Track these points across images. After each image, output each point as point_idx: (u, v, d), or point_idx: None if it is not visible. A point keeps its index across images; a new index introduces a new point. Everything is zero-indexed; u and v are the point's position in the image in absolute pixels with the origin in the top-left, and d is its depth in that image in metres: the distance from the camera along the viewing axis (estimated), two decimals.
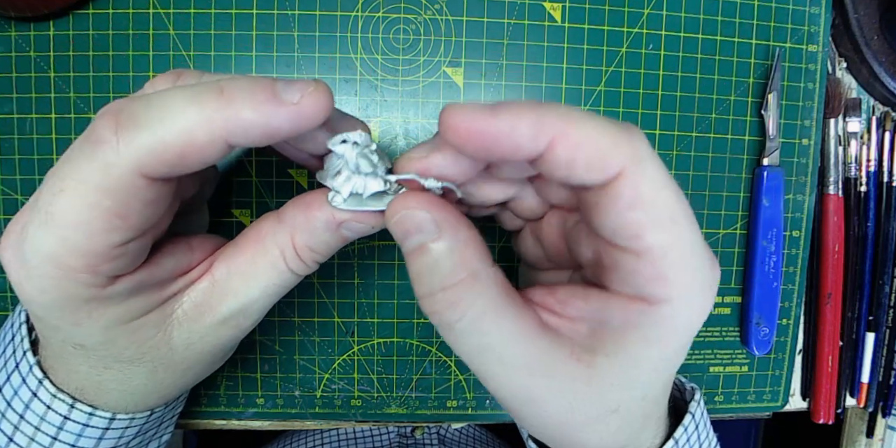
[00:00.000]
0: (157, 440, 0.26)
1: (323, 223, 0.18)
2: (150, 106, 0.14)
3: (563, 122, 0.14)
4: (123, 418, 0.21)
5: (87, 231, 0.14)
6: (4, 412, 0.20)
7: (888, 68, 0.32)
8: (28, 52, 0.28)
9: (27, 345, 0.20)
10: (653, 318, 0.16)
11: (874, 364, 0.34)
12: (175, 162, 0.14)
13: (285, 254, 0.18)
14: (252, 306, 0.19)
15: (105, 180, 0.14)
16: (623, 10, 0.30)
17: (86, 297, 0.16)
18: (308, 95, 0.14)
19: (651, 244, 0.15)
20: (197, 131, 0.14)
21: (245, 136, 0.14)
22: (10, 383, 0.20)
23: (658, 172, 0.15)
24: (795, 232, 0.32)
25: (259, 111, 0.14)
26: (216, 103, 0.14)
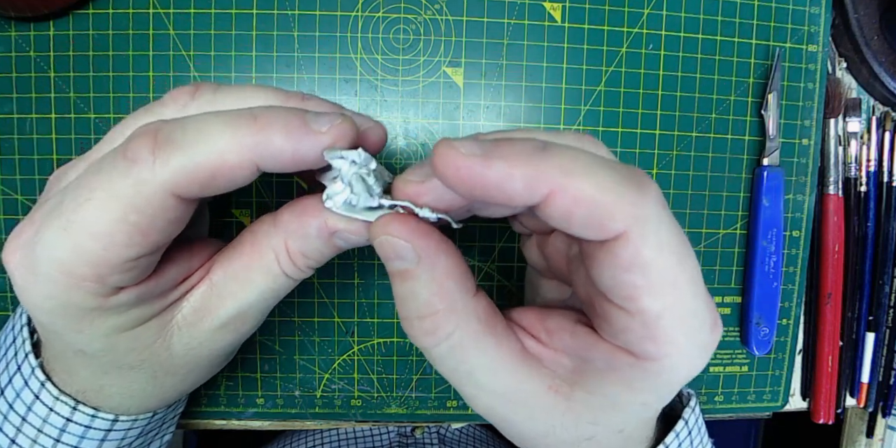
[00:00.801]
0: (158, 440, 0.26)
1: (315, 230, 0.18)
2: (186, 129, 0.15)
3: (563, 175, 0.13)
4: (126, 420, 0.21)
5: (107, 243, 0.15)
6: (6, 414, 0.20)
7: (888, 68, 0.32)
8: (28, 52, 0.28)
9: (28, 347, 0.20)
10: (640, 371, 0.16)
11: (874, 364, 0.34)
12: (205, 183, 0.15)
13: (280, 258, 0.18)
14: (250, 310, 0.19)
15: (136, 197, 0.14)
16: (623, 10, 0.30)
17: (89, 306, 0.16)
18: (335, 127, 0.15)
19: (645, 308, 0.14)
20: (229, 154, 0.14)
21: (274, 161, 0.15)
22: (12, 386, 0.20)
23: (663, 234, 0.14)
24: (795, 232, 0.32)
25: (289, 138, 0.15)
26: (249, 129, 0.14)
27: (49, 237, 0.15)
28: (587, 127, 0.30)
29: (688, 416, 0.22)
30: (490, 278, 0.30)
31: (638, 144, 0.30)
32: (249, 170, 0.15)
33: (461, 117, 0.29)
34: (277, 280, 0.19)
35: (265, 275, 0.19)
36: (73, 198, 0.15)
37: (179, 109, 0.17)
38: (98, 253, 0.15)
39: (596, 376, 0.17)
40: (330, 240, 0.18)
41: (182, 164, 0.14)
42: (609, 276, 0.14)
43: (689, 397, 0.24)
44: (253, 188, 0.29)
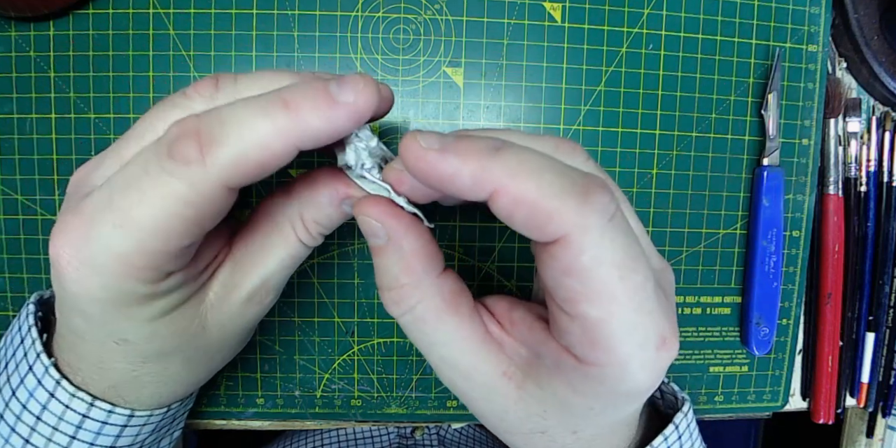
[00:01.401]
0: (168, 436, 0.26)
1: (327, 198, 0.19)
2: (224, 123, 0.15)
3: (508, 176, 0.14)
4: (142, 415, 0.21)
5: (164, 237, 0.16)
6: (20, 415, 0.20)
7: (888, 68, 0.32)
8: (28, 52, 0.28)
9: (39, 347, 0.20)
10: (582, 375, 0.16)
11: (874, 364, 0.34)
12: (254, 172, 0.16)
13: (295, 227, 0.20)
14: (271, 279, 0.21)
15: (191, 194, 0.15)
16: (623, 10, 0.30)
17: (143, 292, 0.17)
18: (360, 93, 0.15)
19: (583, 314, 0.15)
20: (273, 143, 0.15)
21: (314, 141, 0.16)
22: (24, 386, 0.20)
23: (606, 246, 0.14)
24: (795, 232, 0.32)
25: (324, 117, 0.15)
26: (285, 115, 0.15)
27: (105, 233, 0.16)
28: (587, 127, 0.30)
29: (679, 420, 0.22)
30: (490, 278, 0.30)
31: (638, 144, 0.30)
32: (292, 153, 0.16)
33: (461, 117, 0.29)
34: (293, 247, 0.20)
35: (283, 244, 0.20)
36: (124, 197, 0.16)
37: (207, 101, 0.18)
38: (155, 245, 0.16)
39: (545, 372, 0.17)
40: (339, 207, 0.20)
41: (231, 159, 0.15)
42: (551, 276, 0.15)
43: (683, 402, 0.24)
44: (253, 188, 0.29)
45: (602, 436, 0.20)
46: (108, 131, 0.28)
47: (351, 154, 0.18)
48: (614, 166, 0.30)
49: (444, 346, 0.18)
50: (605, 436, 0.20)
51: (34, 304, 0.22)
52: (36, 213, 0.29)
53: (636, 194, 0.31)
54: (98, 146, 0.28)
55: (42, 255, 0.29)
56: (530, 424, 0.18)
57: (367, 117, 0.16)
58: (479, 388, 0.18)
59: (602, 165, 0.30)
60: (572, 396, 0.17)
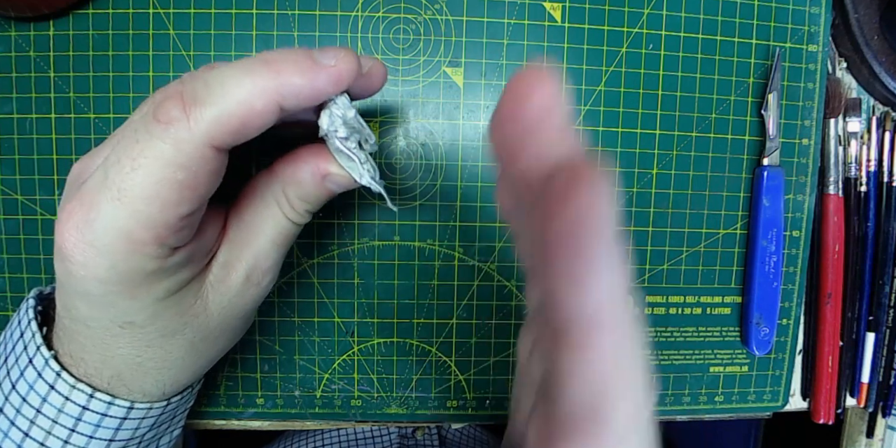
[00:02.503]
0: (168, 434, 0.26)
1: (309, 175, 0.20)
2: (208, 84, 0.16)
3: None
4: (141, 407, 0.21)
5: (160, 204, 0.16)
6: (19, 408, 0.20)
7: (888, 68, 0.32)
8: (28, 52, 0.28)
9: (39, 340, 0.20)
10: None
11: (874, 364, 0.34)
12: (238, 130, 0.16)
13: (280, 203, 0.20)
14: (265, 258, 0.21)
15: (178, 155, 0.15)
16: (623, 10, 0.30)
17: (149, 269, 0.17)
18: (341, 59, 0.16)
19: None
20: (255, 100, 0.15)
21: (296, 99, 0.16)
22: (24, 379, 0.20)
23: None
24: (795, 232, 0.32)
25: (305, 76, 0.16)
26: (267, 73, 0.16)
27: (105, 210, 0.16)
28: (587, 127, 0.30)
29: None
30: (490, 278, 0.30)
31: (638, 144, 0.30)
32: (274, 111, 0.16)
33: (461, 117, 0.29)
34: (282, 224, 0.21)
35: (270, 221, 0.20)
36: (118, 170, 0.16)
37: None
38: (155, 215, 0.16)
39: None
40: (322, 184, 0.20)
41: (215, 116, 0.15)
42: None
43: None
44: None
45: None
46: (108, 131, 0.28)
47: (325, 118, 0.18)
48: (614, 166, 0.30)
49: None
50: None
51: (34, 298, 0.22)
52: (36, 213, 0.29)
53: (636, 194, 0.31)
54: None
55: (42, 255, 0.29)
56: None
57: (346, 82, 0.17)
58: None
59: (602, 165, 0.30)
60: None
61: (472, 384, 0.31)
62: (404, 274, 0.30)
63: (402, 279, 0.30)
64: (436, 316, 0.30)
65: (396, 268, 0.30)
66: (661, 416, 0.33)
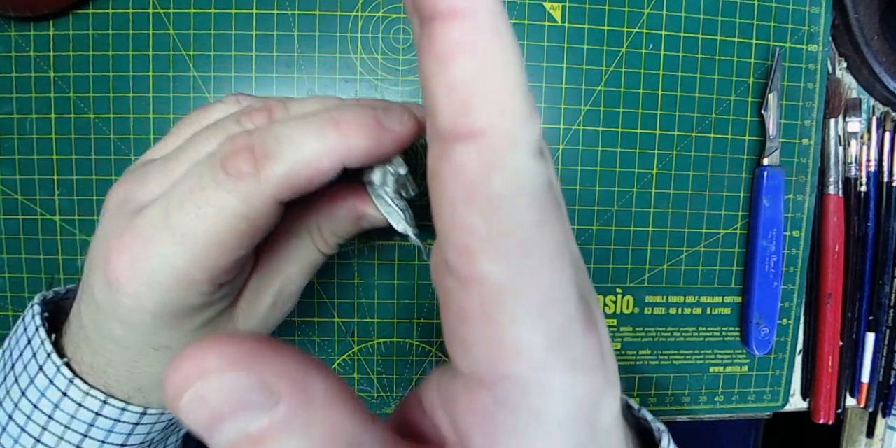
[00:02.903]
0: (176, 434, 0.26)
1: (346, 213, 0.20)
2: (280, 140, 0.16)
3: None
4: (153, 413, 0.22)
5: (221, 251, 0.16)
6: (30, 415, 0.20)
7: (888, 68, 0.32)
8: (28, 52, 0.28)
9: (49, 347, 0.20)
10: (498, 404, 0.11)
11: (874, 364, 0.34)
12: (304, 186, 0.16)
13: (313, 236, 0.21)
14: (291, 285, 0.22)
15: (245, 208, 0.16)
16: (623, 10, 0.30)
17: (198, 304, 0.18)
18: (404, 123, 0.17)
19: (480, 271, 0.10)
20: (323, 160, 0.16)
21: (359, 159, 0.16)
22: (34, 386, 0.20)
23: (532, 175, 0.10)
24: (795, 232, 0.32)
25: (372, 140, 0.16)
26: (336, 134, 0.16)
27: (164, 250, 0.16)
28: (587, 127, 0.30)
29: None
30: None
31: (638, 144, 0.30)
32: (338, 169, 0.16)
33: None
34: (313, 255, 0.21)
35: (303, 252, 0.21)
36: (181, 215, 0.16)
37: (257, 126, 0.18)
38: (213, 260, 0.16)
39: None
40: (357, 222, 0.21)
41: (284, 174, 0.16)
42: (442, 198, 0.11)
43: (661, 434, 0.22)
44: None
45: None
46: (108, 131, 0.28)
47: (378, 174, 0.19)
48: (614, 166, 0.30)
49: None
50: None
51: (39, 304, 0.22)
52: (36, 213, 0.29)
53: (636, 194, 0.31)
54: (98, 146, 0.28)
55: (42, 255, 0.29)
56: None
57: (407, 144, 0.17)
58: None
59: (602, 165, 0.30)
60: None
61: None
62: (404, 274, 0.30)
63: (402, 279, 0.30)
64: (436, 316, 0.30)
65: (396, 268, 0.30)
66: (662, 417, 0.33)
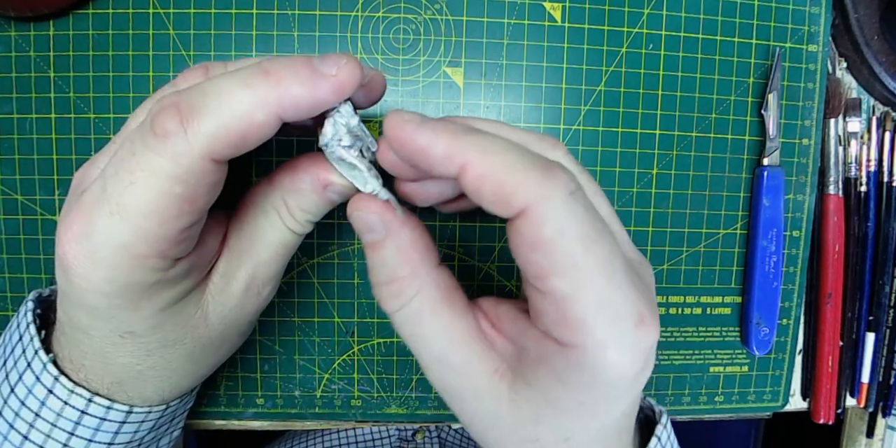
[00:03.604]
0: (168, 435, 0.26)
1: (309, 184, 0.19)
2: (206, 95, 0.15)
3: (476, 151, 0.15)
4: (140, 412, 0.21)
5: (160, 218, 0.16)
6: (18, 411, 0.20)
7: (888, 68, 0.32)
8: (28, 52, 0.28)
9: (38, 344, 0.20)
10: (564, 360, 0.16)
11: (874, 364, 0.34)
12: (238, 143, 0.15)
13: (281, 213, 0.20)
14: (265, 268, 0.21)
15: (176, 169, 0.15)
16: (623, 10, 0.30)
17: (151, 281, 0.17)
18: (343, 68, 0.16)
19: (553, 288, 0.15)
20: (255, 112, 0.15)
21: (296, 110, 0.16)
22: (22, 382, 0.20)
23: (567, 218, 0.15)
24: (795, 232, 0.32)
25: (306, 86, 0.15)
26: (266, 84, 0.15)
27: (104, 224, 0.16)
28: (587, 127, 0.30)
29: (660, 432, 0.22)
30: (490, 278, 0.30)
31: (638, 144, 0.30)
32: (274, 122, 0.16)
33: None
34: (283, 234, 0.20)
35: (270, 230, 0.20)
36: (115, 183, 0.16)
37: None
38: (155, 230, 0.16)
39: (531, 366, 0.17)
40: (324, 194, 0.19)
41: (213, 129, 0.15)
42: (521, 254, 0.15)
43: (661, 414, 0.23)
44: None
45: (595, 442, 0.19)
46: (108, 131, 0.28)
47: (329, 127, 0.18)
48: (614, 166, 0.30)
49: (438, 341, 0.18)
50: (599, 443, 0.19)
51: (33, 301, 0.22)
52: (36, 213, 0.29)
53: (636, 194, 0.31)
54: (98, 146, 0.28)
55: (42, 255, 0.29)
56: (521, 432, 0.18)
57: (348, 91, 0.16)
58: (471, 388, 0.18)
59: (602, 165, 0.30)
60: (561, 390, 0.16)
61: None
62: None
63: None
64: None
65: None
66: None
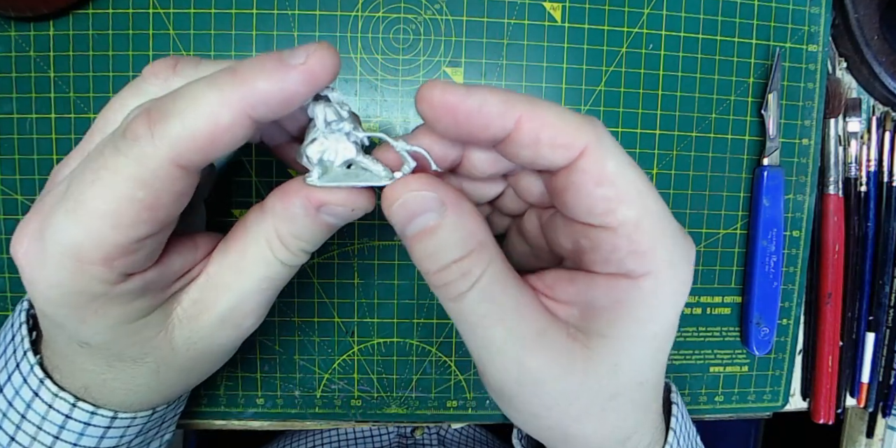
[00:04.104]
0: (158, 439, 0.26)
1: (301, 208, 0.17)
2: (175, 99, 0.15)
3: (526, 105, 0.15)
4: (125, 417, 0.21)
5: (115, 222, 0.15)
6: (6, 412, 0.20)
7: (888, 68, 0.32)
8: (28, 52, 0.28)
9: (27, 345, 0.20)
10: (638, 294, 0.17)
11: (874, 364, 0.34)
12: (206, 147, 0.15)
13: (271, 244, 0.18)
14: (247, 302, 0.19)
15: (140, 171, 0.14)
16: (623, 10, 0.30)
17: (95, 293, 0.16)
18: (313, 54, 0.15)
19: (623, 218, 0.16)
20: (220, 113, 0.14)
21: (266, 107, 0.15)
22: (11, 383, 0.20)
23: (620, 152, 0.16)
24: (795, 232, 0.32)
25: (272, 79, 0.14)
26: (231, 83, 0.14)
27: (57, 221, 0.15)
28: None
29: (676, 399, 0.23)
30: None
31: (638, 144, 0.30)
32: (244, 123, 0.15)
33: None
34: (272, 267, 0.19)
35: (258, 263, 0.18)
36: (78, 182, 0.15)
37: (162, 84, 0.17)
38: (106, 233, 0.15)
39: (603, 316, 0.17)
40: (318, 217, 0.18)
41: (178, 132, 0.14)
42: (584, 196, 0.16)
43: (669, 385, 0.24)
44: (253, 188, 0.29)
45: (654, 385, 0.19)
46: None
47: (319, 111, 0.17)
48: None
49: (513, 316, 0.17)
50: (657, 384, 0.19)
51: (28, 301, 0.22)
52: None
53: None
54: None
55: None
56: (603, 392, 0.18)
57: (324, 80, 0.15)
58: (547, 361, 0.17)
59: None
60: (637, 328, 0.17)
61: (471, 384, 0.31)
62: (404, 274, 0.30)
63: (402, 279, 0.30)
64: (436, 316, 0.30)
65: (396, 268, 0.30)
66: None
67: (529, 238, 0.22)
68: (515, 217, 0.23)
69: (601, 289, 0.17)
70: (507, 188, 0.21)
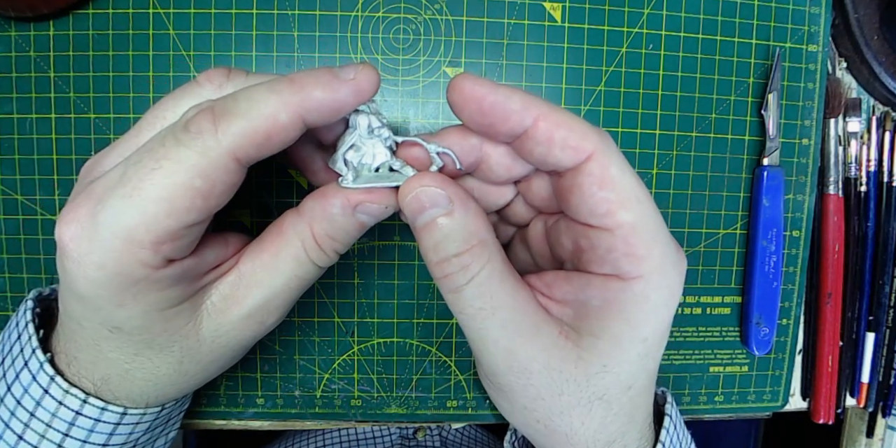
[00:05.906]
0: (164, 437, 0.26)
1: (339, 208, 0.19)
2: (237, 100, 0.16)
3: (545, 106, 0.17)
4: (135, 413, 0.21)
5: (170, 207, 0.16)
6: (14, 410, 0.20)
7: (888, 68, 0.32)
8: (28, 52, 0.28)
9: (35, 342, 0.20)
10: (629, 296, 0.18)
11: (874, 364, 0.34)
12: (263, 142, 0.16)
13: (306, 245, 0.20)
14: (275, 300, 0.20)
15: (202, 162, 0.16)
16: (623, 10, 0.30)
17: (138, 276, 0.17)
18: (360, 72, 0.17)
19: (621, 221, 0.17)
20: (280, 114, 0.16)
21: (318, 113, 0.17)
22: (19, 381, 0.20)
23: (623, 161, 0.18)
24: (795, 232, 0.32)
25: (327, 89, 0.17)
26: (290, 89, 0.16)
27: (113, 205, 0.16)
28: None
29: (670, 411, 0.24)
30: None
31: (638, 144, 0.30)
32: (298, 125, 0.17)
33: None
34: (304, 267, 0.20)
35: (291, 263, 0.20)
36: (137, 168, 0.16)
37: (216, 89, 0.19)
38: (160, 218, 0.16)
39: (597, 316, 0.19)
40: (354, 216, 0.19)
41: (242, 129, 0.16)
42: (587, 197, 0.18)
43: (665, 394, 0.25)
44: (252, 188, 0.29)
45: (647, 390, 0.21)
46: (108, 131, 0.28)
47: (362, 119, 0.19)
48: None
49: (509, 309, 0.18)
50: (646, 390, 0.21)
51: (32, 299, 0.22)
52: (36, 213, 0.29)
53: None
54: (98, 146, 0.28)
55: (42, 255, 0.29)
56: (590, 390, 0.19)
57: (367, 92, 0.17)
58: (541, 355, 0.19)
59: None
60: (628, 330, 0.18)
61: (471, 384, 0.31)
62: (404, 274, 0.30)
63: (402, 279, 0.30)
64: (436, 316, 0.30)
65: (396, 268, 0.30)
66: None
67: (532, 245, 0.23)
68: (520, 227, 0.24)
69: (595, 289, 0.18)
70: (517, 197, 0.22)
